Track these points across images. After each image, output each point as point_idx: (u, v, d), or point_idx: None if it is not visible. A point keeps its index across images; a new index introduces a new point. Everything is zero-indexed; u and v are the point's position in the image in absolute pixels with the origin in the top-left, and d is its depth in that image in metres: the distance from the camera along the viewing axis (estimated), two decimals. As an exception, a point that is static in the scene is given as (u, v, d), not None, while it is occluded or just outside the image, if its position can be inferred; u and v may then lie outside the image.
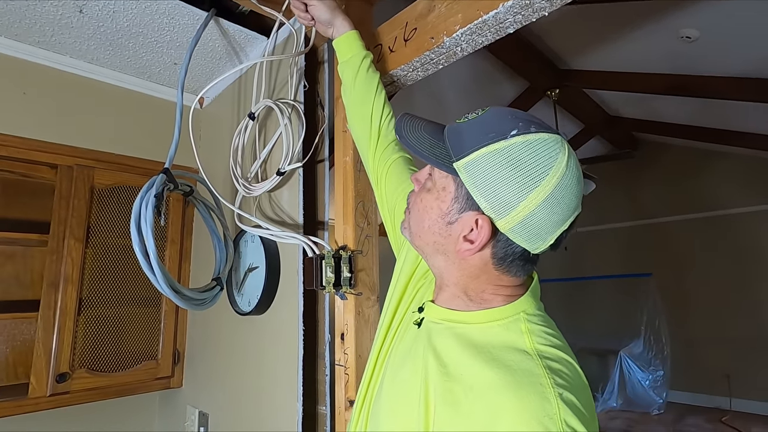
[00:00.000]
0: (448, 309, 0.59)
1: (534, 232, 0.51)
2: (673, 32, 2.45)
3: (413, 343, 0.61)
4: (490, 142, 0.51)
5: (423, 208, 0.58)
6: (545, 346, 0.51)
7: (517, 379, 0.47)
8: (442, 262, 0.59)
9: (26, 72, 1.42)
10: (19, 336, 1.50)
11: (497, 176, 0.50)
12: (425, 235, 0.59)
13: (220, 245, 1.25)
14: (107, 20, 1.27)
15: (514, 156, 0.50)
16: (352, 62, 0.90)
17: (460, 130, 0.56)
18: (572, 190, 0.51)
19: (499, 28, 0.81)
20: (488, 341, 0.53)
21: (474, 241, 0.53)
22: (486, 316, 0.55)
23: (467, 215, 0.53)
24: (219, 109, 1.63)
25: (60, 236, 1.39)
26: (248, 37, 1.37)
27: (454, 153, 0.54)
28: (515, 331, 0.53)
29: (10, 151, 1.35)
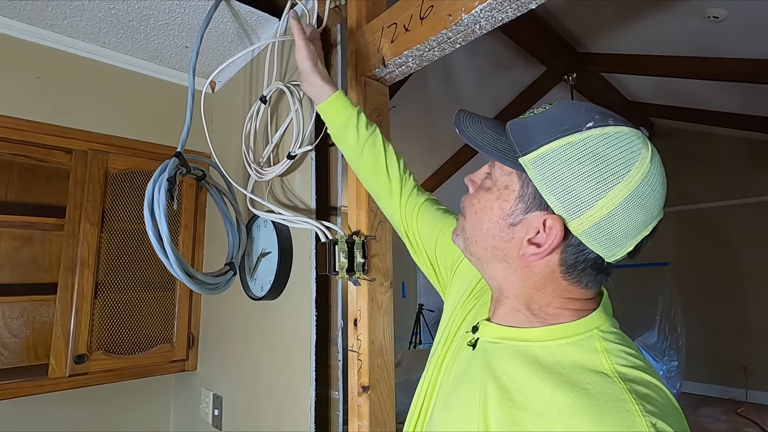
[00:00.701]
0: (508, 326, 0.53)
1: (611, 236, 0.45)
2: (699, 12, 2.35)
3: (468, 366, 0.55)
4: (563, 135, 0.46)
5: (481, 209, 0.53)
6: (627, 367, 0.44)
7: (598, 404, 0.40)
8: (502, 270, 0.53)
9: (39, 56, 1.41)
10: (39, 318, 1.53)
11: (571, 171, 0.45)
12: (483, 239, 0.53)
13: (232, 230, 1.24)
14: (119, 3, 1.25)
15: (591, 149, 0.44)
16: (348, 126, 0.84)
17: (525, 124, 0.50)
18: (657, 191, 0.45)
19: (521, 3, 0.77)
20: (558, 361, 0.46)
21: (541, 245, 0.47)
22: (553, 332, 0.49)
23: (533, 215, 0.48)
24: (231, 93, 1.62)
25: (76, 220, 1.40)
26: (260, 18, 1.34)
27: (519, 147, 0.48)
28: (590, 349, 0.46)
29: (25, 135, 1.36)
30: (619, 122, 0.46)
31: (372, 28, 1.02)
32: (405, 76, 1.03)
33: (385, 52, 0.97)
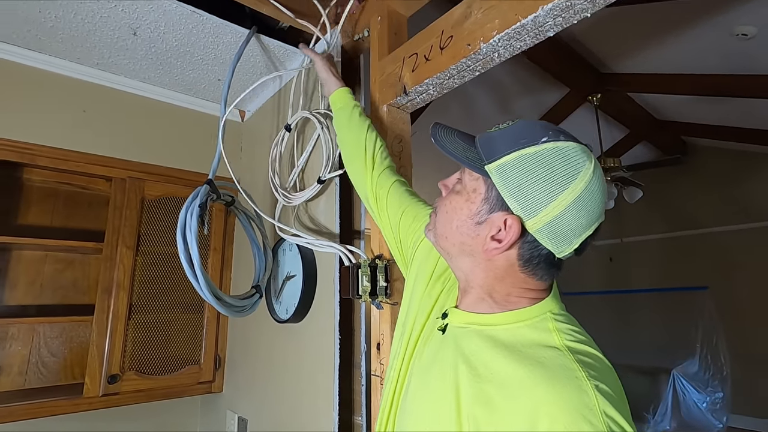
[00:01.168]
0: (474, 313, 0.60)
1: (561, 235, 0.53)
2: (726, 30, 2.31)
3: (439, 350, 0.62)
4: (522, 147, 0.54)
5: (452, 209, 0.60)
6: (574, 342, 0.52)
7: (552, 373, 0.48)
8: (468, 264, 0.60)
9: (86, 92, 1.53)
10: (76, 338, 1.60)
11: (528, 178, 0.53)
12: (452, 236, 0.60)
13: (259, 254, 1.28)
14: (158, 41, 1.35)
15: (545, 160, 0.52)
16: (345, 109, 1.02)
17: (491, 137, 0.58)
18: (597, 197, 0.53)
19: (538, 32, 0.79)
20: (517, 341, 0.54)
21: (502, 240, 0.55)
22: (513, 317, 0.56)
23: (496, 215, 0.55)
24: (259, 122, 1.69)
25: (113, 244, 1.48)
26: (287, 51, 1.41)
27: (485, 157, 0.56)
28: (543, 329, 0.54)
29: (71, 165, 1.46)
30: (569, 138, 0.55)
31: (394, 58, 1.06)
32: (426, 103, 1.05)
33: (407, 80, 1.00)
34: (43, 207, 1.60)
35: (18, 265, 1.54)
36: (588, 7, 0.72)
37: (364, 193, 0.95)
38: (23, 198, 1.56)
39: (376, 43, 1.14)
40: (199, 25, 1.27)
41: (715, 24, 2.29)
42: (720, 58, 2.67)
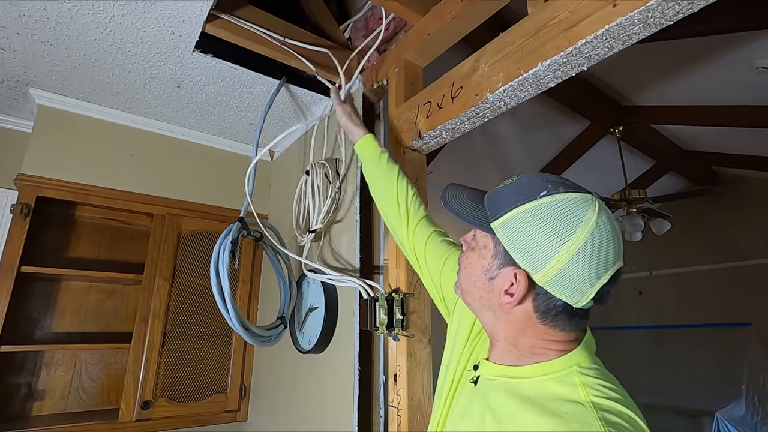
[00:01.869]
0: (502, 365, 0.61)
1: (572, 286, 0.53)
2: (745, 64, 2.32)
3: (470, 402, 0.63)
4: (522, 203, 0.56)
5: (469, 265, 0.63)
6: (602, 398, 0.51)
7: (571, 428, 0.48)
8: (490, 317, 0.62)
9: (133, 137, 1.69)
10: (114, 364, 1.70)
11: (529, 233, 0.54)
12: (472, 291, 0.63)
13: (285, 286, 1.35)
14: (199, 92, 1.50)
15: (543, 214, 0.54)
16: (372, 158, 1.02)
17: (497, 194, 0.61)
18: (606, 244, 0.53)
19: (539, 84, 0.86)
20: (542, 394, 0.54)
21: (514, 294, 0.56)
22: (538, 369, 0.56)
23: (506, 270, 0.57)
24: (287, 162, 1.81)
25: (152, 276, 1.59)
26: (313, 98, 1.54)
27: (491, 214, 0.59)
28: (569, 384, 0.53)
29: (118, 203, 1.60)
30: (570, 189, 0.56)
31: (410, 105, 1.15)
32: (440, 146, 1.13)
33: (421, 126, 1.09)
34: (91, 240, 1.74)
35: (66, 295, 1.67)
36: (584, 62, 0.79)
37: (400, 241, 0.96)
38: (74, 233, 1.71)
39: (394, 91, 1.23)
40: (235, 78, 1.42)
41: (733, 59, 2.31)
42: (742, 90, 2.66)
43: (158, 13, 1.12)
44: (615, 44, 0.74)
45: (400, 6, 1.12)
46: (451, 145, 3.40)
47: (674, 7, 0.65)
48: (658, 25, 0.69)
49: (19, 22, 1.16)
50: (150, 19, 1.15)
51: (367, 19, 1.38)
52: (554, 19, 0.79)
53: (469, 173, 3.97)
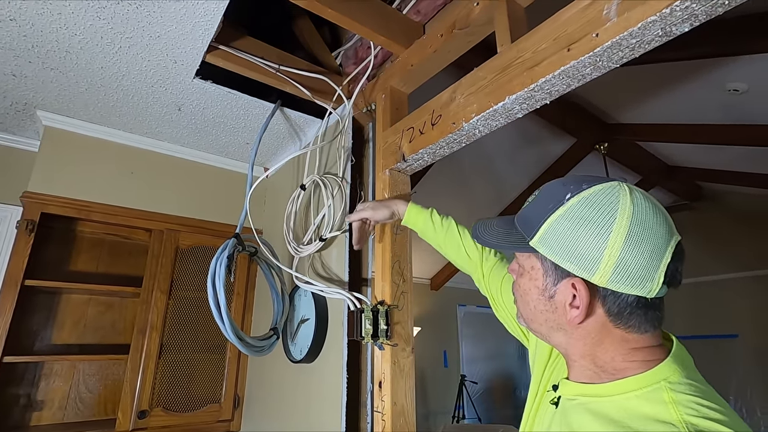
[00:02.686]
0: (581, 383, 0.57)
1: (636, 275, 0.50)
2: (719, 86, 2.45)
3: (550, 424, 0.60)
4: (551, 212, 0.55)
5: (524, 293, 0.61)
6: (698, 418, 0.45)
7: None
8: (562, 338, 0.58)
9: (134, 155, 1.77)
10: (111, 375, 1.75)
11: (570, 238, 0.52)
12: (536, 317, 0.60)
13: (278, 299, 1.42)
14: (198, 114, 1.59)
15: (576, 215, 0.53)
16: (426, 229, 1.03)
17: (524, 214, 0.60)
18: (651, 221, 0.51)
19: (508, 115, 0.95)
20: (627, 414, 0.49)
21: (579, 306, 0.53)
22: (621, 386, 0.52)
23: (563, 284, 0.55)
24: (281, 179, 1.89)
25: (150, 289, 1.65)
26: (306, 120, 1.63)
27: (526, 234, 0.58)
28: (657, 401, 0.48)
29: (118, 219, 1.67)
30: (592, 182, 0.55)
31: (395, 129, 1.24)
32: (422, 168, 1.22)
33: (405, 149, 1.17)
34: (91, 255, 1.81)
35: (66, 307, 1.73)
36: (546, 97, 0.88)
37: (477, 283, 0.99)
38: (75, 247, 1.77)
39: (380, 116, 1.33)
40: (233, 102, 1.51)
41: (707, 81, 2.44)
42: (716, 110, 2.79)
43: (162, 44, 1.22)
44: (571, 82, 0.83)
45: (386, 40, 1.21)
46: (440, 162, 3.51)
47: (618, 53, 0.75)
48: (606, 67, 0.78)
49: (32, 52, 1.25)
50: (154, 50, 1.24)
51: (356, 48, 1.48)
52: (519, 58, 0.88)
53: (459, 190, 4.08)
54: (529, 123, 3.32)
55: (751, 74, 2.28)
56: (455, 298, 5.35)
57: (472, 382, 4.72)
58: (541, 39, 0.85)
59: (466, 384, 4.62)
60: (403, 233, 1.21)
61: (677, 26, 0.68)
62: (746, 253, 4.49)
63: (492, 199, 4.42)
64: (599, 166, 3.85)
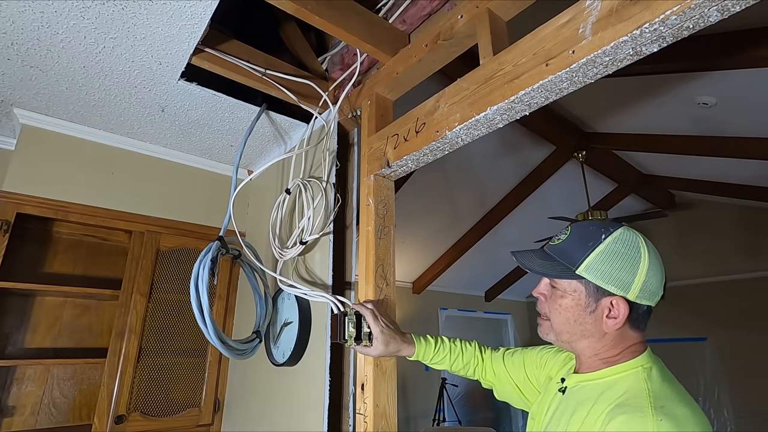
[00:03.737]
0: (586, 373, 0.79)
1: (652, 292, 0.73)
2: (689, 100, 2.56)
3: (559, 405, 0.80)
4: (593, 248, 0.75)
5: (565, 310, 0.78)
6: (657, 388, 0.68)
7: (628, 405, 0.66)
8: (586, 342, 0.78)
9: (115, 156, 1.74)
10: (86, 380, 1.71)
11: (611, 267, 0.73)
12: (572, 329, 0.78)
13: (261, 302, 1.42)
14: (182, 116, 1.58)
15: (613, 250, 0.74)
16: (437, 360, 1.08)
17: (562, 248, 0.79)
18: (657, 255, 0.75)
19: (490, 125, 0.98)
20: (613, 388, 0.72)
21: (617, 317, 0.73)
22: (614, 371, 0.74)
23: (603, 301, 0.75)
24: (265, 181, 1.89)
25: (129, 292, 1.63)
26: (291, 124, 1.64)
27: (571, 264, 0.76)
28: (636, 379, 0.71)
29: (97, 220, 1.64)
30: (616, 227, 0.76)
31: (380, 136, 1.27)
32: (406, 174, 1.24)
33: (390, 156, 1.20)
34: (67, 256, 1.77)
35: (40, 310, 1.69)
36: (525, 108, 0.92)
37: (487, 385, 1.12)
38: (51, 248, 1.73)
39: (366, 122, 1.35)
40: (218, 104, 1.50)
41: (678, 95, 2.55)
42: (691, 121, 2.91)
43: (147, 46, 1.21)
44: (549, 95, 0.87)
45: (372, 47, 1.24)
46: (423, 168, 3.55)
47: (593, 69, 0.79)
48: (582, 82, 0.82)
49: (11, 50, 1.22)
50: (139, 51, 1.23)
51: (343, 55, 1.50)
52: (500, 71, 0.92)
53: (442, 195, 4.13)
54: (510, 130, 3.39)
55: (719, 89, 2.39)
56: (437, 301, 5.40)
57: (452, 385, 4.76)
58: (522, 53, 0.88)
59: (447, 387, 4.65)
60: (386, 237, 1.23)
61: (647, 47, 0.73)
62: (715, 259, 4.67)
63: (474, 205, 4.49)
64: (577, 174, 3.96)
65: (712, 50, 2.03)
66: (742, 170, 3.59)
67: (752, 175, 3.63)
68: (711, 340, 4.47)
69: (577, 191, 4.24)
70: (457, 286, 5.58)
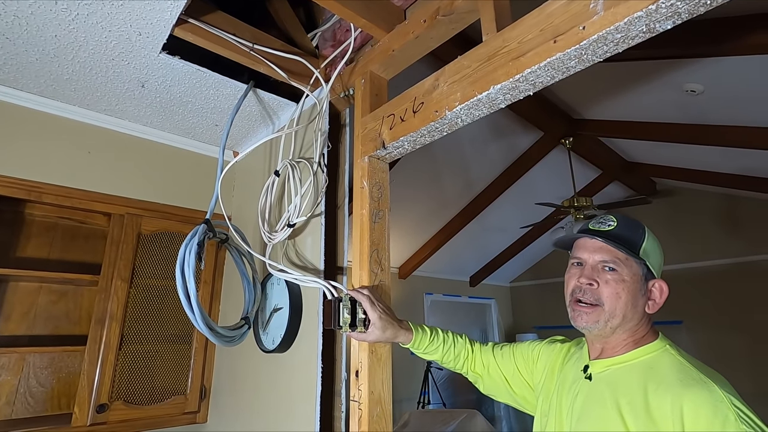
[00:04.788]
0: (611, 357, 0.83)
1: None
2: (677, 87, 2.57)
3: (589, 393, 0.83)
4: (642, 236, 0.86)
5: (627, 293, 0.82)
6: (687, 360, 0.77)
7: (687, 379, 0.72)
8: (630, 325, 0.82)
9: (91, 134, 1.65)
10: (64, 368, 1.64)
11: (656, 252, 0.86)
12: (629, 312, 0.82)
13: (249, 287, 1.38)
14: (163, 92, 1.49)
15: (653, 237, 0.87)
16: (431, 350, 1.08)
17: (618, 234, 0.85)
18: None
19: (492, 105, 0.95)
20: (648, 365, 0.78)
21: (657, 299, 0.83)
22: (642, 351, 0.81)
23: (649, 284, 0.84)
24: (252, 162, 1.82)
25: (109, 277, 1.56)
26: (280, 103, 1.57)
27: (632, 248, 0.83)
28: (665, 356, 0.78)
29: (73, 201, 1.56)
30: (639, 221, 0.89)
31: (375, 116, 1.22)
32: (402, 156, 1.20)
33: (385, 137, 1.15)
34: (42, 240, 1.68)
35: (13, 296, 1.60)
36: (530, 88, 0.88)
37: (472, 379, 1.13)
38: (24, 231, 1.64)
39: (359, 102, 1.30)
40: (202, 80, 1.43)
41: (667, 82, 2.56)
42: (676, 109, 2.94)
43: (126, 14, 1.13)
44: (556, 74, 0.84)
45: (367, 23, 1.18)
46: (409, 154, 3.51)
47: (603, 47, 0.76)
48: (590, 60, 0.79)
49: (-26, 15, 1.12)
50: (117, 20, 1.15)
51: (335, 30, 1.43)
52: (504, 48, 0.88)
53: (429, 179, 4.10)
54: (499, 115, 3.37)
55: (707, 76, 2.40)
56: (422, 286, 5.43)
57: (437, 369, 4.82)
58: (528, 29, 0.85)
59: (432, 370, 4.71)
60: (381, 221, 1.19)
61: (661, 23, 0.70)
62: (693, 246, 4.80)
63: (461, 190, 4.48)
64: (563, 160, 3.98)
65: (703, 36, 2.03)
66: (724, 159, 3.66)
67: (733, 163, 3.71)
68: (687, 323, 4.63)
69: (563, 178, 4.28)
70: (442, 271, 5.61)
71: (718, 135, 3.06)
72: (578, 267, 0.89)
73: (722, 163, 3.78)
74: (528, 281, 6.45)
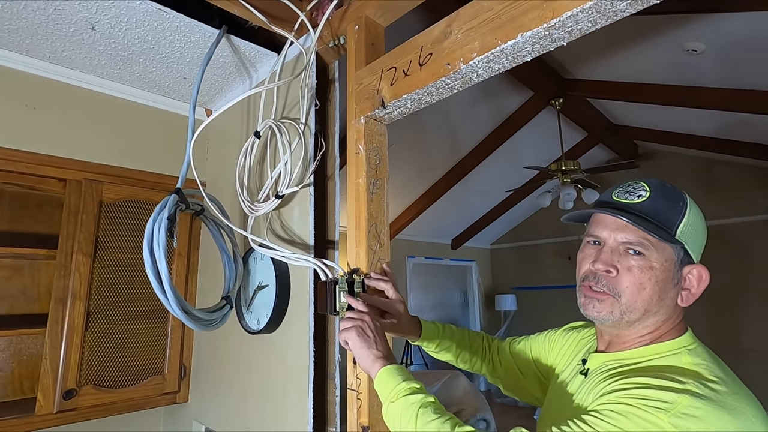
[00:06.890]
0: (617, 352, 0.68)
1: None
2: (678, 45, 2.46)
3: (578, 392, 0.70)
4: (683, 211, 0.65)
5: (654, 283, 0.64)
6: (705, 370, 0.58)
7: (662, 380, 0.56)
8: (653, 320, 0.66)
9: (35, 87, 1.41)
10: (26, 350, 1.49)
11: (699, 230, 0.66)
12: (653, 305, 0.65)
13: (229, 263, 1.24)
14: (119, 37, 1.27)
15: (697, 212, 0.66)
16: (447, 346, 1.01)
17: (651, 207, 0.66)
18: None
19: (516, 56, 0.80)
20: (650, 367, 0.63)
21: (691, 289, 0.66)
22: (654, 350, 0.65)
23: (685, 270, 0.65)
24: (227, 122, 1.62)
25: (68, 251, 1.39)
26: (259, 53, 1.37)
27: (668, 228, 0.64)
28: (677, 361, 0.61)
29: (19, 166, 1.35)
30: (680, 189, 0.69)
31: (371, 69, 1.05)
32: (403, 116, 1.05)
33: (385, 94, 1.00)
34: (-14, 209, 1.47)
35: (-43, 273, 1.42)
36: (564, 36, 0.74)
37: (489, 376, 1.04)
38: (-37, 200, 1.43)
39: (353, 52, 1.12)
40: (165, 23, 1.21)
41: (668, 39, 2.43)
42: (669, 70, 2.84)
43: (62, -68, 0.90)
44: (599, 20, 0.70)
45: (363, -46, 0.99)
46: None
47: (666, -15, 0.62)
48: (647, 2, 0.66)
49: None
50: (50, -60, 0.92)
51: (321, -34, 1.22)
52: (538, -15, 0.73)
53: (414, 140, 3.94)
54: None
55: (710, 34, 2.29)
56: (404, 250, 5.39)
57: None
58: (569, -38, 0.69)
59: (413, 333, 4.76)
60: (380, 192, 1.06)
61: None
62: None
63: (446, 152, 4.35)
64: (552, 121, 3.87)
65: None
66: (710, 122, 3.63)
67: (718, 126, 3.70)
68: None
69: (549, 140, 4.19)
70: (424, 234, 5.57)
71: (709, 97, 3.00)
72: (594, 246, 0.70)
73: (708, 125, 3.76)
74: (507, 243, 6.51)
